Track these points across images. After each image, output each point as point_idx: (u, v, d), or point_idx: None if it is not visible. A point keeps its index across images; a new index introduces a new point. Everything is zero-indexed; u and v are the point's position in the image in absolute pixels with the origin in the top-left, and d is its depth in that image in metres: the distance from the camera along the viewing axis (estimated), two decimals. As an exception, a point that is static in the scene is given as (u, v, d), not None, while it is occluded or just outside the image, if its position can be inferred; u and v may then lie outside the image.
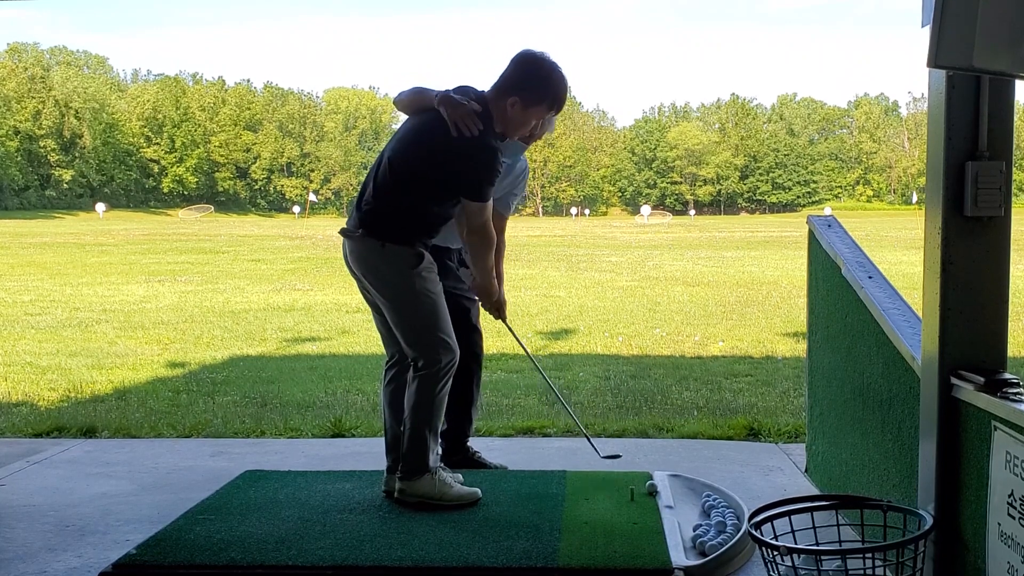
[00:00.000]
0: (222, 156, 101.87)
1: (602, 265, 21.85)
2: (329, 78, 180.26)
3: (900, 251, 23.99)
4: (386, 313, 3.75)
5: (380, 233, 3.64)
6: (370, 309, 3.91)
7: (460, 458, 4.31)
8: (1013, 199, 2.67)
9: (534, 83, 3.67)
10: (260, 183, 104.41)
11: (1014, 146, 2.70)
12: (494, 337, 9.64)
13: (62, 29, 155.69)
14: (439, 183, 3.63)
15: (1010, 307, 2.67)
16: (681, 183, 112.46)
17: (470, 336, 4.18)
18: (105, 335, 10.43)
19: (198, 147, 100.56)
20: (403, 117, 3.91)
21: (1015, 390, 2.42)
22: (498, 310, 4.19)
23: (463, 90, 3.74)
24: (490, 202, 3.72)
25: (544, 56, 3.72)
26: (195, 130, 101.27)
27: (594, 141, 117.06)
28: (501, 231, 4.14)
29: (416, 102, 3.78)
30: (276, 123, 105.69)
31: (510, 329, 4.40)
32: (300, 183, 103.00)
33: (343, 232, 3.77)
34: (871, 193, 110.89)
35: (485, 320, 4.35)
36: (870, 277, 3.45)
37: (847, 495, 3.34)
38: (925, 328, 2.74)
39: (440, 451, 3.96)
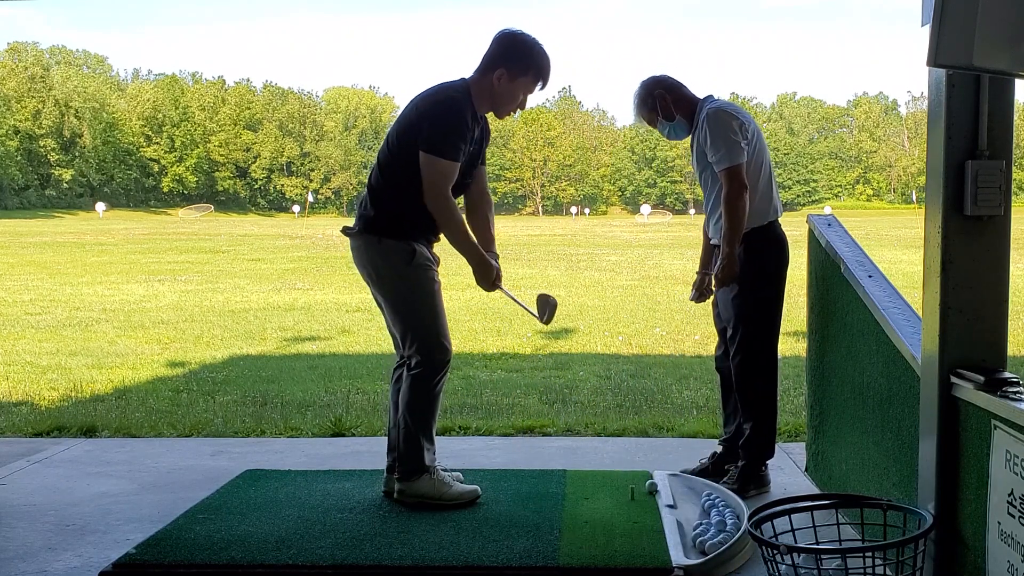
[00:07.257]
0: (222, 155, 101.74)
1: (602, 264, 21.84)
2: (329, 77, 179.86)
3: (900, 250, 23.98)
4: (384, 309, 3.76)
5: (376, 229, 3.65)
6: (380, 310, 3.92)
7: None
8: (1013, 198, 2.67)
9: (518, 54, 3.68)
10: (260, 182, 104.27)
11: (1014, 145, 2.70)
12: (494, 336, 9.68)
13: (61, 28, 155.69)
14: (406, 144, 3.60)
15: (1010, 307, 2.67)
16: (681, 182, 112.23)
17: None
18: (105, 334, 10.44)
19: (198, 146, 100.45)
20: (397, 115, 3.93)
21: (1015, 389, 2.42)
22: (493, 284, 3.79)
23: (446, 85, 3.74)
24: (446, 165, 3.55)
25: (525, 32, 3.75)
26: (195, 129, 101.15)
27: (594, 140, 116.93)
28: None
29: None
30: (276, 122, 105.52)
31: (508, 294, 3.90)
32: (300, 182, 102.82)
33: (344, 231, 3.78)
34: (871, 192, 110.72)
35: (486, 320, 4.34)
36: (870, 276, 3.45)
37: (847, 494, 3.34)
38: (925, 327, 2.75)
39: (435, 451, 3.96)
